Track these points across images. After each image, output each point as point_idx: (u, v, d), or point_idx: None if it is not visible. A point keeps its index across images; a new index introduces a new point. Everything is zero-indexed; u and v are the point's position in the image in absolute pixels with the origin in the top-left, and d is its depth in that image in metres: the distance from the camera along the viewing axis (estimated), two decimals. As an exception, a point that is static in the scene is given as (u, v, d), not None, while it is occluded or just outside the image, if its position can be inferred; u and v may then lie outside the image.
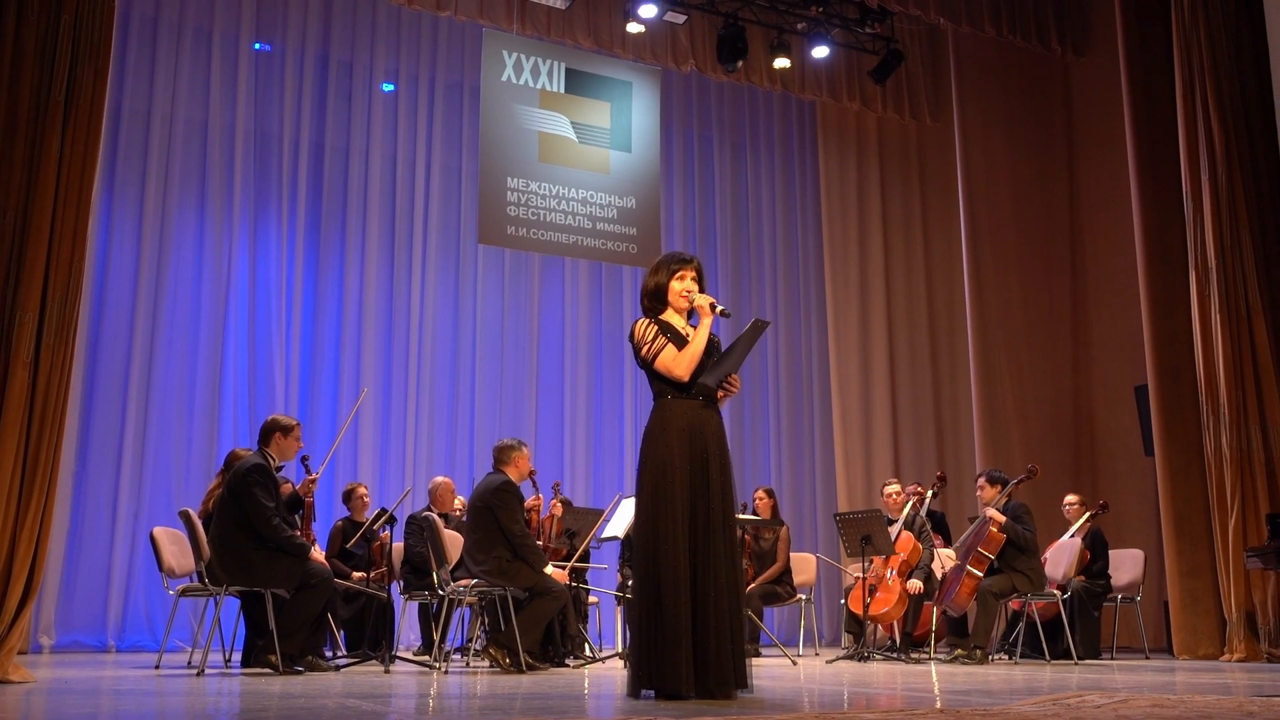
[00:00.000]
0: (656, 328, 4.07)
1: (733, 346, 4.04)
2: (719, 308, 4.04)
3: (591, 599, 7.87)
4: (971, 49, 10.82)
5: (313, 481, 6.18)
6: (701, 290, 4.13)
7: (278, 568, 5.60)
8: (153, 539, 6.54)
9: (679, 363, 3.99)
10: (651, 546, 3.88)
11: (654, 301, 4.17)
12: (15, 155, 5.70)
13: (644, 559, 3.92)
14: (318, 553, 5.97)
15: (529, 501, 6.84)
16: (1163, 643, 8.71)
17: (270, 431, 5.88)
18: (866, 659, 7.13)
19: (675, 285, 4.13)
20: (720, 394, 4.11)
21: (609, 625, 8.79)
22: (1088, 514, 8.05)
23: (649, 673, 3.82)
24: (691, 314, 4.16)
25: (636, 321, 4.13)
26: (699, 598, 3.82)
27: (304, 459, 6.25)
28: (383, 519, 6.51)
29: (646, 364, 4.06)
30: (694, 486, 3.92)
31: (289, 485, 6.49)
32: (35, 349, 5.62)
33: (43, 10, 5.88)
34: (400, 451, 9.53)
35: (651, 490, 3.94)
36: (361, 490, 7.77)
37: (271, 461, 5.81)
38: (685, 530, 3.86)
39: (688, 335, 4.08)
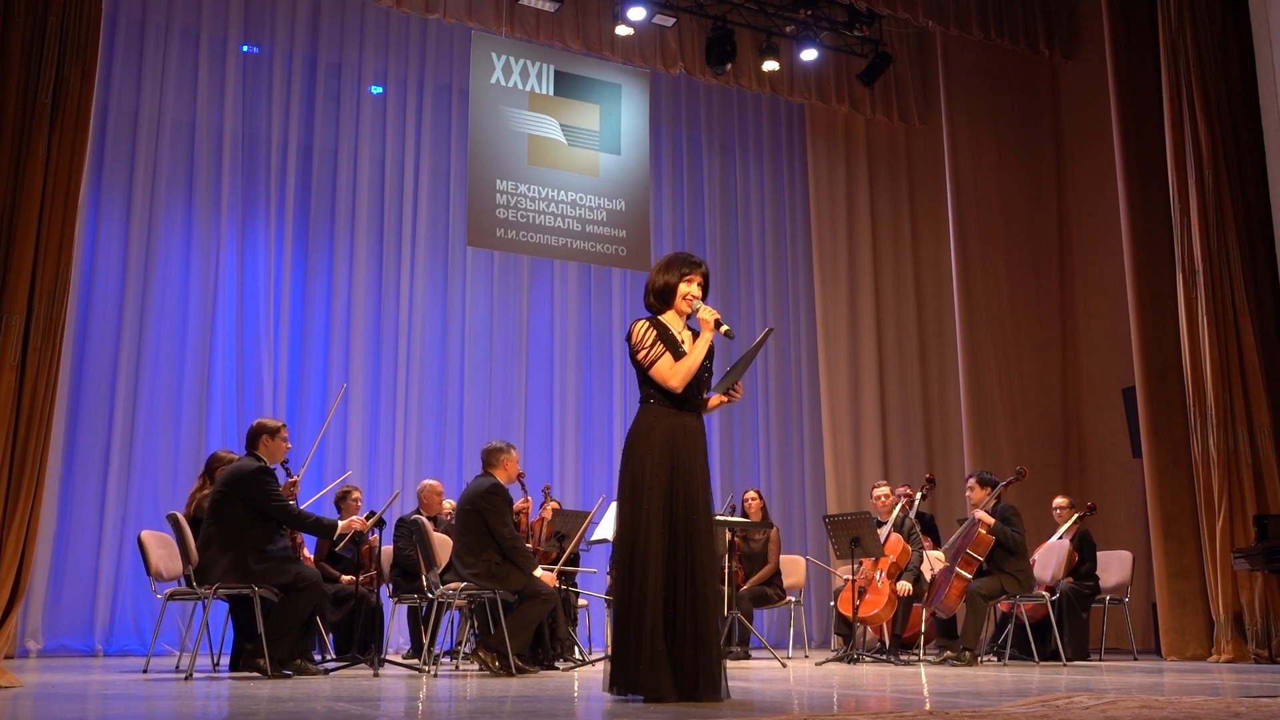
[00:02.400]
0: (655, 333, 4.07)
1: (743, 356, 4.11)
2: (724, 327, 4.05)
3: (581, 602, 7.86)
4: (959, 51, 10.86)
5: (294, 484, 6.16)
6: (704, 297, 4.15)
7: (268, 567, 5.59)
8: (140, 542, 6.50)
9: (675, 373, 4.00)
10: (628, 552, 3.89)
11: (659, 300, 4.17)
12: (2, 157, 5.69)
13: (622, 564, 3.92)
14: (306, 555, 5.95)
15: (517, 504, 6.82)
16: (1151, 644, 8.73)
17: (257, 435, 5.88)
18: (856, 661, 7.13)
19: (683, 287, 4.13)
20: (724, 399, 4.15)
21: (598, 628, 8.78)
22: (1076, 515, 8.07)
23: (624, 679, 3.82)
24: (690, 317, 4.18)
25: (635, 322, 4.14)
26: (678, 605, 3.82)
27: (283, 463, 6.25)
28: (371, 522, 6.49)
29: (642, 368, 4.08)
30: (674, 494, 3.93)
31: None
32: (22, 351, 5.61)
33: (29, 12, 5.87)
34: (389, 454, 9.49)
35: (630, 495, 3.95)
36: (356, 494, 7.75)
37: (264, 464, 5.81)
38: (663, 536, 3.87)
39: (683, 342, 4.09)
